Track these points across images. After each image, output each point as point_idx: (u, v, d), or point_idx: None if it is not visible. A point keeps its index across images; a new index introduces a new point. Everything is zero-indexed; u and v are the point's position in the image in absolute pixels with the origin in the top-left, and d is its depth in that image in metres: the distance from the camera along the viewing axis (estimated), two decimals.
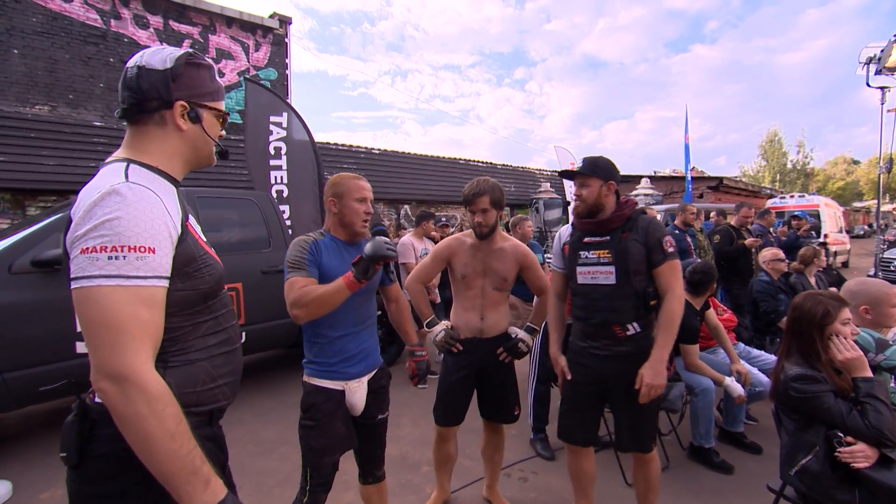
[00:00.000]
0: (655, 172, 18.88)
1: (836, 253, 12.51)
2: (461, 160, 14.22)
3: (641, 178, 12.74)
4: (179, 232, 0.90)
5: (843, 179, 44.72)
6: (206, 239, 1.03)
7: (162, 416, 0.78)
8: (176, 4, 9.38)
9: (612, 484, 2.62)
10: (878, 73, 6.70)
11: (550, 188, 12.84)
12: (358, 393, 1.74)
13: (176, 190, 0.97)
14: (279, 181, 5.36)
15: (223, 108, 1.05)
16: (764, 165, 39.67)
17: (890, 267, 9.11)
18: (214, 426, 1.03)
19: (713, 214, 6.65)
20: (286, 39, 11.20)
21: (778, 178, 38.11)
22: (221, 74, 9.87)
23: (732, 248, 5.04)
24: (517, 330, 2.22)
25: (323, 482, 1.69)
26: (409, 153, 12.89)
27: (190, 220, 0.97)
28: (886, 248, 10.19)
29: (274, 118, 5.41)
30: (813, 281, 4.23)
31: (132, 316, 0.80)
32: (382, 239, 1.59)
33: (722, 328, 3.11)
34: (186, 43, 9.56)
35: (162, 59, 0.95)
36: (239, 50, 10.42)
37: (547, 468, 2.82)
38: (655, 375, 1.79)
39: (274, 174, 5.34)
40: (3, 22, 7.65)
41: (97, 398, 0.85)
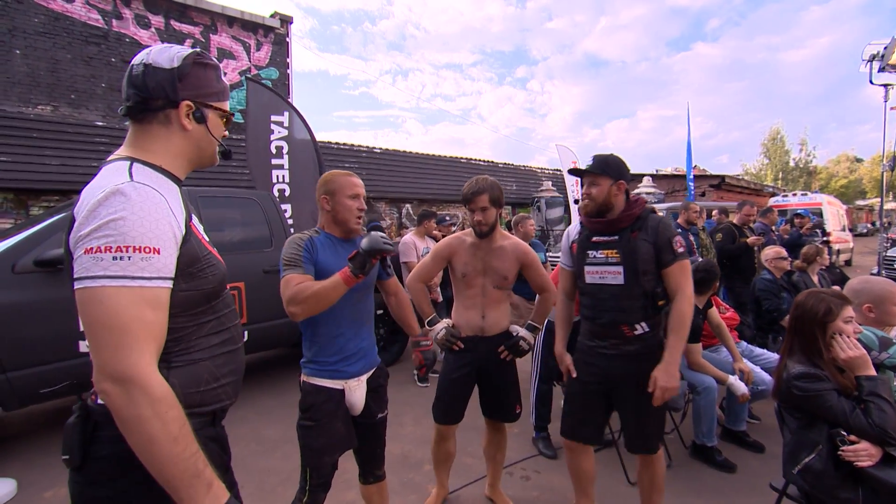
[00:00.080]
0: (657, 171, 18.85)
1: (839, 251, 12.47)
2: (462, 159, 14.21)
3: (643, 176, 12.72)
4: (183, 232, 0.89)
5: (845, 177, 44.60)
6: (209, 239, 1.03)
7: (165, 418, 0.78)
8: (177, 4, 9.39)
9: (614, 483, 2.62)
10: (881, 70, 6.69)
11: (552, 187, 12.83)
12: (357, 392, 1.74)
13: (179, 189, 0.96)
14: (281, 180, 5.38)
15: (228, 108, 1.05)
16: (766, 163, 39.61)
17: (893, 265, 9.08)
18: (217, 426, 1.03)
19: (715, 213, 6.65)
20: (287, 39, 11.21)
21: (780, 176, 38.06)
22: (223, 74, 9.83)
23: (734, 246, 5.03)
24: (518, 328, 2.22)
25: (322, 482, 1.69)
26: (410, 152, 12.89)
27: (193, 219, 0.97)
28: (890, 246, 10.14)
29: (275, 117, 5.42)
30: (816, 279, 4.22)
31: (137, 317, 0.79)
32: (378, 233, 1.58)
33: (724, 326, 3.10)
34: (188, 43, 9.56)
35: (169, 57, 0.94)
36: (240, 49, 10.43)
37: (549, 467, 2.82)
38: (669, 378, 1.78)
39: (276, 173, 5.36)
40: (5, 22, 7.67)
41: (99, 400, 0.85)
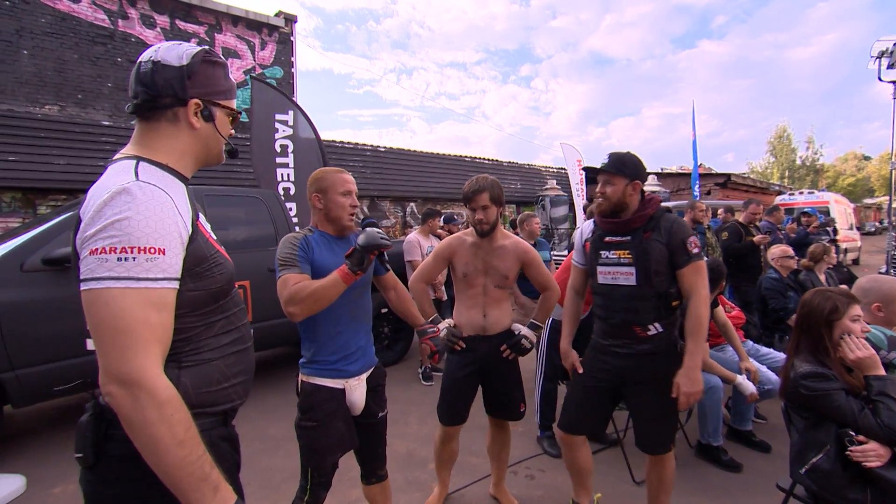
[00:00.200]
0: (662, 169, 18.76)
1: (846, 250, 12.36)
2: (467, 157, 14.19)
3: (648, 174, 12.66)
4: (190, 231, 0.88)
5: (853, 175, 44.18)
6: (216, 237, 1.02)
7: (171, 421, 0.77)
8: (182, 4, 9.42)
9: (620, 482, 2.61)
10: (890, 66, 6.62)
11: (556, 185, 12.81)
12: (357, 391, 1.73)
13: (186, 188, 0.95)
14: (286, 179, 5.40)
15: (235, 106, 1.05)
16: (772, 162, 39.31)
17: None
18: (229, 426, 1.02)
19: (721, 211, 6.60)
20: (292, 38, 11.22)
21: (787, 174, 37.77)
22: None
23: (741, 244, 5.00)
24: (520, 327, 2.21)
25: (324, 481, 1.69)
26: (414, 151, 12.88)
27: (200, 218, 0.96)
28: None
29: (280, 116, 5.44)
30: (823, 278, 4.18)
31: (142, 319, 0.78)
32: (375, 229, 1.57)
33: (731, 325, 3.08)
34: (193, 42, 9.59)
35: (178, 55, 0.93)
36: (245, 48, 10.45)
37: (554, 466, 2.81)
38: (692, 383, 1.77)
39: (280, 172, 5.38)
40: (12, 23, 7.73)
41: (103, 400, 0.85)
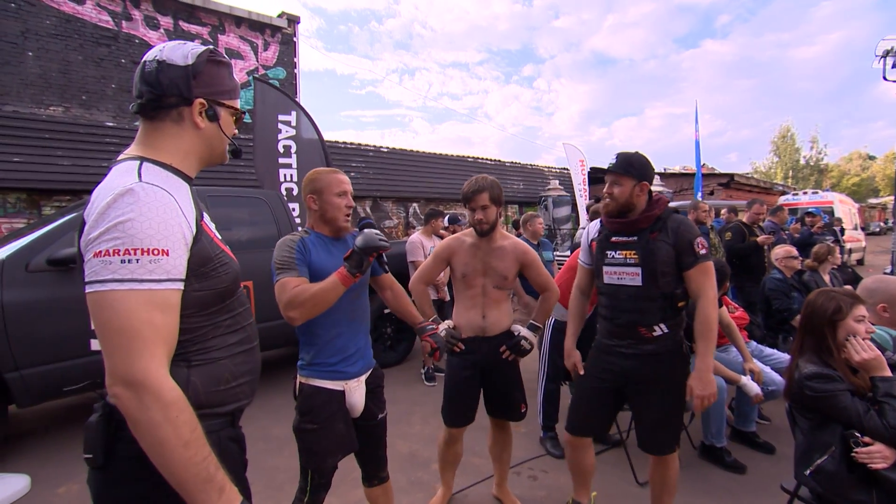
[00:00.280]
0: (665, 169, 18.68)
1: (851, 250, 12.30)
2: (469, 158, 14.19)
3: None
4: (194, 231, 0.88)
5: (858, 175, 43.92)
6: (220, 237, 1.02)
7: (176, 422, 0.77)
8: (185, 5, 9.46)
9: (622, 483, 2.61)
10: (895, 66, 6.58)
11: (559, 186, 12.78)
12: (357, 393, 1.72)
13: (190, 188, 0.95)
14: (289, 179, 5.42)
15: (239, 106, 1.05)
16: (776, 162, 39.17)
17: None
18: (236, 426, 1.02)
19: (724, 211, 6.57)
20: (294, 38, 11.24)
21: (791, 174, 37.62)
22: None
23: (744, 245, 4.98)
24: (520, 327, 2.21)
25: (324, 482, 1.69)
26: (417, 151, 12.90)
27: (205, 218, 0.95)
28: None
29: (283, 117, 5.46)
30: (827, 279, 4.16)
31: (147, 321, 0.78)
32: (373, 230, 1.55)
33: (734, 326, 3.07)
34: (196, 43, 9.63)
35: (183, 54, 0.93)
36: (248, 49, 10.48)
37: (557, 466, 2.81)
38: (705, 386, 1.77)
39: (283, 172, 5.40)
40: (18, 25, 7.77)
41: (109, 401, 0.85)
